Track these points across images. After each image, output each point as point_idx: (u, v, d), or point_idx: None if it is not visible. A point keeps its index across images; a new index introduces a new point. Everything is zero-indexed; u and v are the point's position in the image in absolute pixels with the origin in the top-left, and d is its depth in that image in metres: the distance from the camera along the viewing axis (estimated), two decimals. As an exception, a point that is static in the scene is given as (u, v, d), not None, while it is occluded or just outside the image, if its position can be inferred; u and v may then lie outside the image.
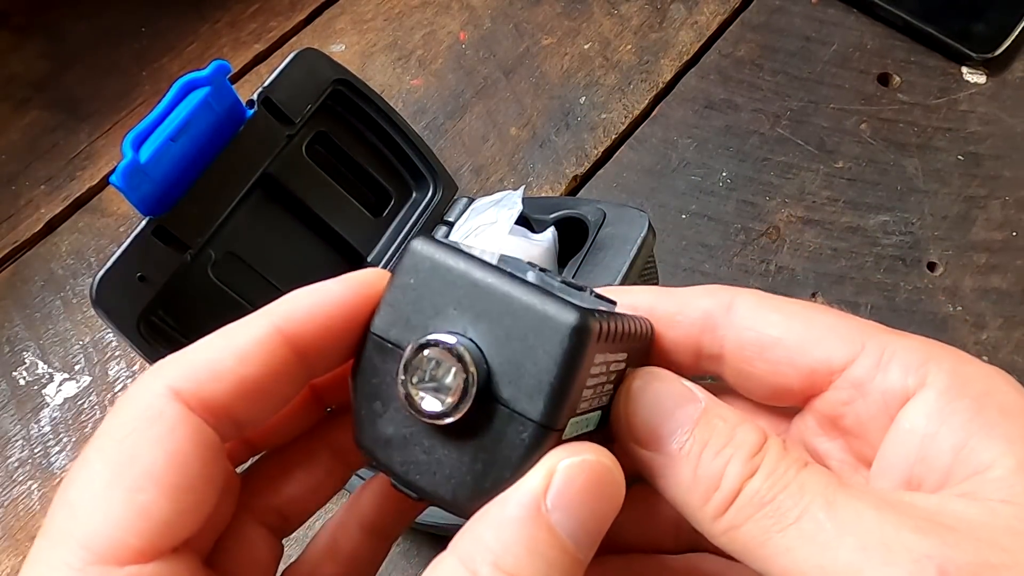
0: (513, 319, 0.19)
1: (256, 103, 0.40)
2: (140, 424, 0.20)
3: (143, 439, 0.20)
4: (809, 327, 0.24)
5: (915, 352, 0.23)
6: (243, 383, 0.21)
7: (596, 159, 0.54)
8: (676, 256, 0.50)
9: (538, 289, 0.20)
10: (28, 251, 0.51)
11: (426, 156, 0.47)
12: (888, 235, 0.51)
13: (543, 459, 0.20)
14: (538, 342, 0.19)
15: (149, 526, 0.19)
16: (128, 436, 0.20)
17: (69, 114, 0.56)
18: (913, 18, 0.57)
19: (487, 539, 0.20)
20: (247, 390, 0.21)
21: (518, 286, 0.20)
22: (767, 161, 0.54)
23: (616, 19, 0.59)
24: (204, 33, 0.59)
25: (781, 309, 0.24)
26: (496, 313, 0.20)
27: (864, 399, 0.23)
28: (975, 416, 0.21)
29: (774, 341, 0.24)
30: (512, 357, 0.19)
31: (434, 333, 0.20)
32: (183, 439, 0.20)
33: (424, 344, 0.19)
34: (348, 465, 0.25)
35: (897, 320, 0.48)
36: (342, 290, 0.22)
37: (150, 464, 0.19)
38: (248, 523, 0.24)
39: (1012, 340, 0.48)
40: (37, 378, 0.48)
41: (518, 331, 0.19)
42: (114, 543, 0.19)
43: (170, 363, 0.21)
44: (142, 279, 0.37)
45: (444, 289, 0.20)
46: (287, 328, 0.21)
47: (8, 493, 0.45)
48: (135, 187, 0.35)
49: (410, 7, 0.60)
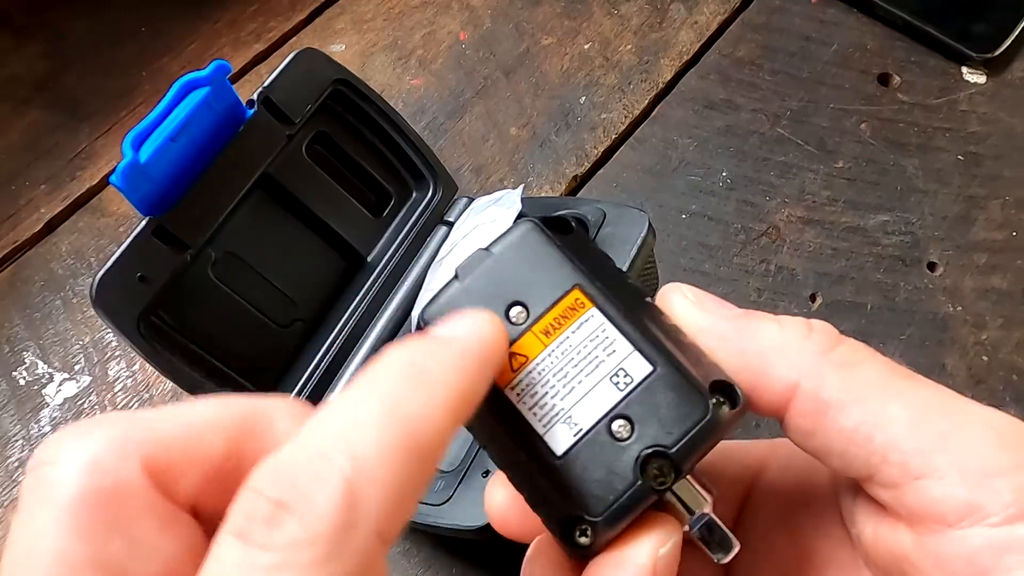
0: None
1: (256, 103, 0.40)
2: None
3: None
4: (878, 414, 0.22)
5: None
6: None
7: (596, 159, 0.54)
8: (676, 256, 0.50)
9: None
10: (28, 251, 0.51)
11: (426, 156, 0.47)
12: (888, 235, 0.51)
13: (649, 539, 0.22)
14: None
15: None
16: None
17: (69, 114, 0.56)
18: (913, 18, 0.57)
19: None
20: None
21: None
22: (767, 161, 0.54)
23: (616, 19, 0.59)
24: (204, 33, 0.59)
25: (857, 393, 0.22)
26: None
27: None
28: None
29: (839, 429, 0.22)
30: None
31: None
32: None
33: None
34: None
35: (897, 320, 0.48)
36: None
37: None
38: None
39: (1012, 340, 0.48)
40: (37, 378, 0.48)
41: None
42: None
43: (370, 498, 0.17)
44: (142, 279, 0.37)
45: None
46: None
47: (8, 493, 0.45)
48: (135, 187, 0.35)
49: (410, 7, 0.60)
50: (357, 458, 0.17)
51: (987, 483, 0.20)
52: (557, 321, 0.23)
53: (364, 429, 0.17)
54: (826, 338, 0.22)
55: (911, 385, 0.22)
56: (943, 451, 0.20)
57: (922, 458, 0.20)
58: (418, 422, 0.18)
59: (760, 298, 0.49)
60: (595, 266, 0.24)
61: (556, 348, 0.23)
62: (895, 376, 0.22)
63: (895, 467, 0.21)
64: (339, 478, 0.16)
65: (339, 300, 0.45)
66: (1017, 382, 0.46)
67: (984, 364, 0.47)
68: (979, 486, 0.20)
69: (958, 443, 0.20)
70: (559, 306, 0.23)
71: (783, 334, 0.23)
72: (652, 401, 0.22)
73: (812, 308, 0.49)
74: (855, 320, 0.48)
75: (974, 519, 0.20)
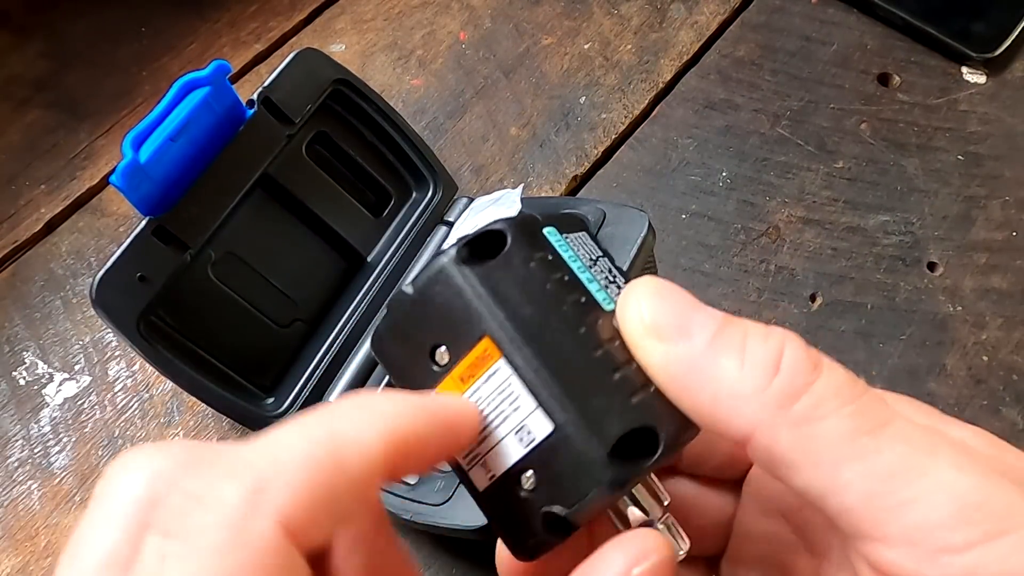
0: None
1: (256, 103, 0.40)
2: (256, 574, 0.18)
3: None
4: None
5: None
6: (352, 507, 0.19)
7: (596, 159, 0.54)
8: (676, 256, 0.50)
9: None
10: (28, 251, 0.51)
11: (426, 156, 0.47)
12: (888, 235, 0.51)
13: (619, 550, 0.21)
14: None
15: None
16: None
17: (69, 114, 0.56)
18: (913, 18, 0.57)
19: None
20: (347, 514, 0.20)
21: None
22: (767, 161, 0.54)
23: (616, 19, 0.59)
24: (204, 33, 0.59)
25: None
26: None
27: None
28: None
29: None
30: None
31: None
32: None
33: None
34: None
35: (897, 320, 0.48)
36: (441, 423, 0.22)
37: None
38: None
39: (1012, 340, 0.48)
40: (37, 378, 0.48)
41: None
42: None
43: (276, 488, 0.18)
44: (142, 279, 0.37)
45: None
46: (393, 449, 0.20)
47: (8, 493, 0.45)
48: (135, 187, 0.35)
49: (410, 7, 0.60)
50: (276, 460, 0.18)
51: (938, 559, 0.19)
52: (470, 370, 0.22)
53: (292, 438, 0.19)
54: (790, 386, 0.20)
55: (873, 446, 0.20)
56: (896, 521, 0.19)
57: (874, 525, 0.20)
58: (346, 440, 0.19)
59: (760, 298, 0.49)
60: (525, 294, 0.22)
61: (472, 395, 0.22)
62: (858, 435, 0.20)
63: (847, 528, 0.20)
64: (251, 474, 0.18)
65: (339, 300, 0.45)
66: (1017, 382, 0.46)
67: (984, 364, 0.47)
68: (929, 561, 0.19)
69: (913, 515, 0.19)
70: (471, 354, 0.22)
71: (741, 380, 0.20)
72: (551, 462, 0.22)
73: (812, 308, 0.49)
74: (855, 320, 0.48)
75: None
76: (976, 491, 0.19)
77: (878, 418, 0.20)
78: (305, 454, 0.19)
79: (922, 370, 0.46)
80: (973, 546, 0.19)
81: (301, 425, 0.20)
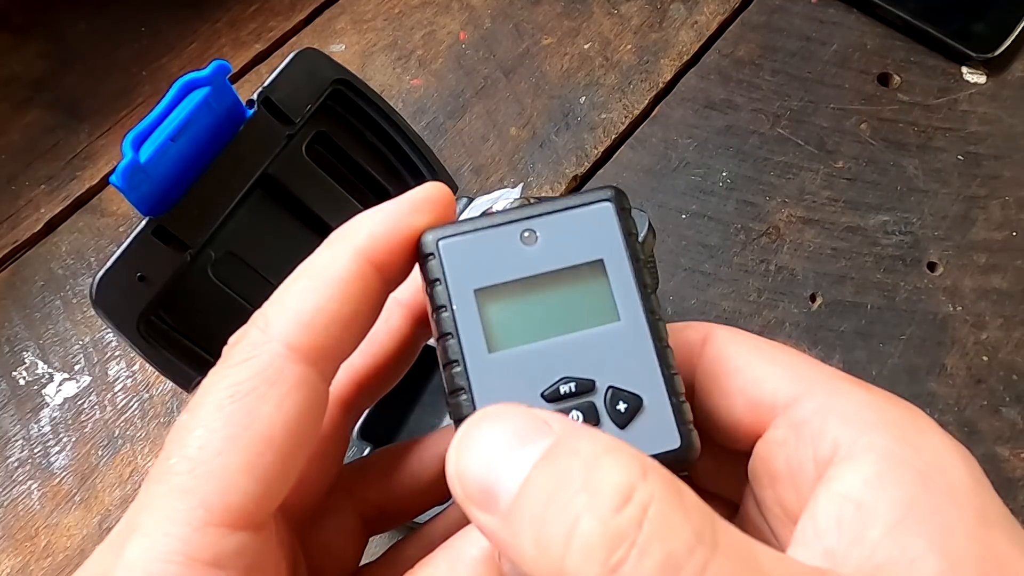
0: None
1: (256, 103, 0.40)
2: (260, 384, 0.20)
3: (264, 400, 0.19)
4: (770, 363, 0.22)
5: (866, 407, 0.21)
6: (346, 323, 0.21)
7: (596, 159, 0.54)
8: (676, 256, 0.50)
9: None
10: (28, 251, 0.51)
11: (426, 156, 0.47)
12: (888, 235, 0.51)
13: None
14: None
15: (264, 490, 0.19)
16: (248, 395, 0.19)
17: (69, 114, 0.56)
18: (913, 18, 0.57)
19: (442, 570, 0.20)
20: (349, 329, 0.21)
21: None
22: (767, 161, 0.54)
23: (616, 19, 0.59)
24: (204, 33, 0.59)
25: (751, 344, 0.23)
26: None
27: (797, 442, 0.21)
28: (917, 494, 0.19)
29: (733, 371, 0.23)
30: None
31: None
32: (301, 401, 0.20)
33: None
34: None
35: (897, 320, 0.48)
36: (411, 209, 0.22)
37: (269, 427, 0.19)
38: (347, 510, 0.25)
39: (1012, 340, 0.48)
40: (37, 378, 0.48)
41: None
42: (232, 508, 0.19)
43: (278, 316, 0.21)
44: (142, 279, 0.37)
45: None
46: (373, 255, 0.21)
47: (8, 493, 0.45)
48: (135, 187, 0.35)
49: (410, 7, 0.60)
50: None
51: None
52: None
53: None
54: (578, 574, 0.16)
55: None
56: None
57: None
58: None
59: (760, 298, 0.49)
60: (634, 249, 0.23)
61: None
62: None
63: None
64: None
65: (339, 300, 0.45)
66: (1017, 382, 0.46)
67: (984, 364, 0.47)
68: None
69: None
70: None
71: (536, 561, 0.16)
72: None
73: (812, 308, 0.49)
74: (855, 320, 0.48)
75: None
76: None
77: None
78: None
79: (922, 370, 0.46)
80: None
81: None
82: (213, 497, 0.19)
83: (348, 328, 0.21)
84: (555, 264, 0.22)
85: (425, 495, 0.25)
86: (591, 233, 0.23)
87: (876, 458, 0.19)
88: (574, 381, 0.21)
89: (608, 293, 0.22)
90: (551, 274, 0.22)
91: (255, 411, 0.19)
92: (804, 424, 0.21)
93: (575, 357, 0.22)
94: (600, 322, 0.22)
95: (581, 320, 0.22)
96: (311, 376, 0.20)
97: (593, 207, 0.23)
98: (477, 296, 0.22)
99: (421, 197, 0.22)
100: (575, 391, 0.21)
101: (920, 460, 0.19)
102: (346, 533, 0.24)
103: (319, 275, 0.21)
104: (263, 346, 0.20)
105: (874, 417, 0.20)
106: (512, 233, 0.23)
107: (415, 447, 0.26)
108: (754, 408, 0.22)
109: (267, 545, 0.20)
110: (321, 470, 0.24)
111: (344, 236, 0.22)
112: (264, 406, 0.19)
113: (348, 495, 0.25)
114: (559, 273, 0.22)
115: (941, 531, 0.18)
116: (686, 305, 0.49)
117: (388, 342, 0.25)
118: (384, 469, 0.25)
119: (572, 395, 0.21)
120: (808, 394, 0.21)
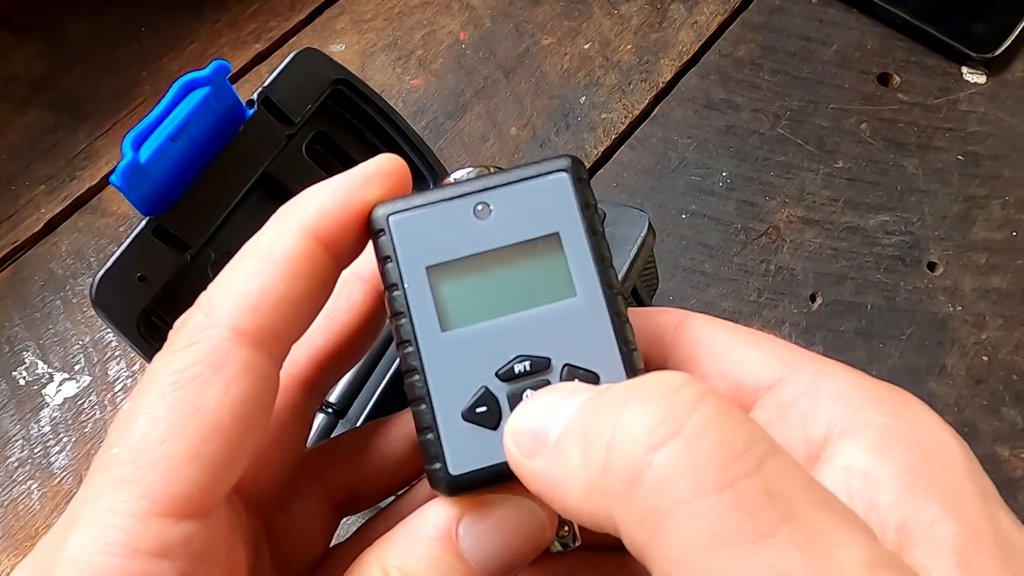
0: None
1: (256, 103, 0.40)
2: (205, 369, 0.19)
3: (208, 386, 0.19)
4: (750, 347, 0.22)
5: (856, 386, 0.21)
6: (295, 303, 0.20)
7: (596, 159, 0.54)
8: (676, 256, 0.50)
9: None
10: (28, 251, 0.51)
11: (426, 156, 0.47)
12: (888, 235, 0.51)
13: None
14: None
15: (211, 478, 0.19)
16: (192, 382, 0.19)
17: (69, 114, 0.56)
18: (913, 18, 0.57)
19: (400, 548, 0.20)
20: (298, 309, 0.20)
21: None
22: (767, 161, 0.54)
23: (616, 19, 0.59)
24: (204, 33, 0.59)
25: (730, 329, 0.23)
26: None
27: (784, 423, 0.21)
28: (922, 463, 0.19)
29: (713, 354, 0.23)
30: None
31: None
32: (248, 386, 0.19)
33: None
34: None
35: (897, 320, 0.48)
36: (362, 183, 0.21)
37: (215, 414, 0.19)
38: (314, 493, 0.24)
39: (1012, 340, 0.48)
40: (37, 378, 0.48)
41: None
42: (176, 497, 0.18)
43: (222, 299, 0.20)
44: (142, 279, 0.37)
45: None
46: (321, 232, 0.21)
47: (8, 493, 0.45)
48: (135, 187, 0.35)
49: (410, 7, 0.60)
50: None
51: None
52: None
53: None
54: (621, 465, 0.16)
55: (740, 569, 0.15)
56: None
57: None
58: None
59: (760, 298, 0.49)
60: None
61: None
62: (717, 546, 0.15)
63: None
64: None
65: (339, 300, 0.45)
66: (1017, 382, 0.46)
67: (984, 364, 0.47)
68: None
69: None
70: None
71: (584, 467, 0.17)
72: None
73: (812, 308, 0.49)
74: (855, 320, 0.48)
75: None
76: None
77: (759, 519, 0.15)
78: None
79: (922, 370, 0.46)
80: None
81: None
82: (156, 487, 0.18)
83: (296, 308, 0.20)
84: (509, 239, 0.22)
85: (395, 475, 0.25)
86: (547, 205, 0.22)
87: (876, 432, 0.19)
88: (529, 359, 0.21)
89: (564, 268, 0.22)
90: (505, 249, 0.22)
91: (200, 397, 0.19)
92: (791, 405, 0.21)
93: (530, 335, 0.21)
94: (556, 298, 0.22)
95: (536, 296, 0.22)
96: (259, 359, 0.20)
97: (548, 177, 0.22)
98: (429, 273, 0.22)
99: (373, 170, 0.22)
100: (530, 369, 0.21)
101: (918, 434, 0.19)
102: (313, 516, 0.24)
103: (265, 255, 0.21)
104: (208, 330, 0.20)
105: (866, 396, 0.20)
106: (465, 207, 0.22)
107: (384, 427, 0.25)
108: (735, 391, 0.22)
109: (216, 532, 0.19)
110: (283, 452, 0.23)
111: (291, 213, 0.21)
112: (209, 392, 0.19)
113: (316, 478, 0.24)
114: (513, 248, 0.22)
115: (952, 499, 0.18)
116: (686, 305, 0.49)
117: (348, 318, 0.24)
118: (353, 450, 0.25)
119: (527, 374, 0.21)
120: (793, 376, 0.21)
